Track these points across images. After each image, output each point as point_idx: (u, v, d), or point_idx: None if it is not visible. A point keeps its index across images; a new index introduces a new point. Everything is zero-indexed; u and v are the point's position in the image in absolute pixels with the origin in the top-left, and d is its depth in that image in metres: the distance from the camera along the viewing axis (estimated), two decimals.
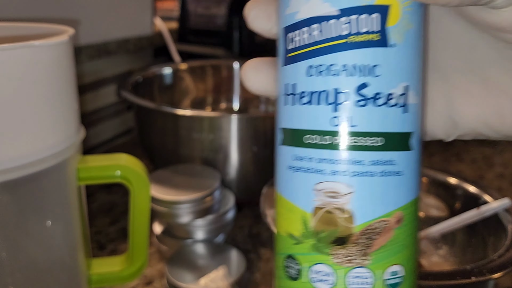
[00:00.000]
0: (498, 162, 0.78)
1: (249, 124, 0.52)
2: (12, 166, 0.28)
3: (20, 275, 0.32)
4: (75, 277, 0.36)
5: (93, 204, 0.60)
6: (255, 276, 0.47)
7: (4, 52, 0.27)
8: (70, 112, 0.32)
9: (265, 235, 0.55)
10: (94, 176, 0.35)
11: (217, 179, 0.49)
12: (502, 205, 0.42)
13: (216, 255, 0.46)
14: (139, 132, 0.62)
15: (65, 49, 0.31)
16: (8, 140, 0.28)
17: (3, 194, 0.29)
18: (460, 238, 0.47)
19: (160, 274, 0.47)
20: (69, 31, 0.33)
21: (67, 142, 0.32)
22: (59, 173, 0.32)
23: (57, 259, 0.34)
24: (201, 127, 0.53)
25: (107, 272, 0.40)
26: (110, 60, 0.77)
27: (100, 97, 0.77)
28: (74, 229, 0.35)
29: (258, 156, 0.54)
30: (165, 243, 0.49)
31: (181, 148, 0.54)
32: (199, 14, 0.88)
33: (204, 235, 0.48)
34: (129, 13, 0.70)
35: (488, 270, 0.33)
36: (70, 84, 0.32)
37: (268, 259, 0.50)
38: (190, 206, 0.46)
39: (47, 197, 0.32)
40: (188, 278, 0.42)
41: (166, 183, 0.48)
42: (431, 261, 0.48)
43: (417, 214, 0.21)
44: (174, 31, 0.91)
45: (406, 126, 0.20)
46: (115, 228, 0.55)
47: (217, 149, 0.53)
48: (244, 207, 0.60)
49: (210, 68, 0.79)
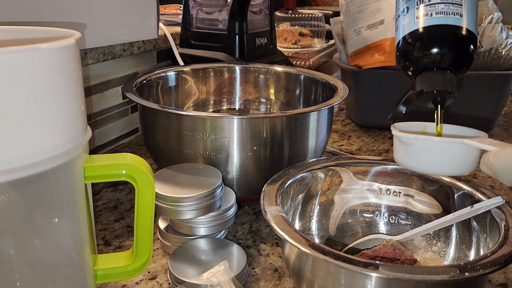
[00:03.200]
0: None
1: (249, 125, 0.54)
2: (20, 165, 0.29)
3: (28, 271, 0.33)
4: (81, 272, 0.37)
5: (99, 202, 0.62)
6: (255, 271, 0.48)
7: (13, 54, 0.27)
8: (77, 113, 0.33)
9: (265, 231, 0.56)
10: (100, 174, 0.36)
11: (218, 178, 0.50)
12: (494, 203, 0.42)
13: (217, 251, 0.47)
14: (143, 132, 0.63)
15: (71, 52, 0.31)
16: (17, 140, 0.29)
17: (12, 192, 0.30)
18: (454, 235, 0.48)
19: (164, 269, 0.48)
20: (76, 34, 0.33)
21: (74, 142, 0.33)
22: (66, 172, 0.33)
23: (64, 255, 0.35)
24: (204, 128, 0.54)
25: (112, 268, 0.41)
26: (116, 63, 0.78)
27: (106, 99, 0.78)
28: (80, 226, 0.36)
29: (258, 155, 0.55)
30: (168, 239, 0.50)
31: (184, 147, 0.55)
32: (201, 19, 0.90)
33: (206, 231, 0.49)
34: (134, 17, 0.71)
35: (481, 266, 0.34)
36: (76, 86, 0.33)
37: (267, 254, 0.51)
38: (192, 203, 0.47)
39: (55, 195, 0.33)
40: (191, 273, 0.43)
41: (169, 181, 0.49)
42: (426, 257, 0.49)
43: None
44: (177, 35, 0.92)
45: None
46: (120, 225, 0.56)
47: (219, 148, 0.54)
48: (244, 205, 0.62)
49: (212, 70, 0.80)
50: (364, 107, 0.92)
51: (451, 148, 0.37)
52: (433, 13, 0.39)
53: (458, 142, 0.37)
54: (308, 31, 1.46)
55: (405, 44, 0.40)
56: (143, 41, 0.80)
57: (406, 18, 0.41)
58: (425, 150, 0.38)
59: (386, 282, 0.35)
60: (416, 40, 0.39)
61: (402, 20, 0.41)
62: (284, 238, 0.38)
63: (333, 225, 0.53)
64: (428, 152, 0.38)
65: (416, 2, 0.40)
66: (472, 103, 0.86)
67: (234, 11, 0.84)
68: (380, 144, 0.86)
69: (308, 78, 0.75)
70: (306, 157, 0.59)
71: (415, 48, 0.39)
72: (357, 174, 0.53)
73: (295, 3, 2.10)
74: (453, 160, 0.38)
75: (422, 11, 0.39)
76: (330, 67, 1.34)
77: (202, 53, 0.87)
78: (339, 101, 0.60)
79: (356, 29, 0.88)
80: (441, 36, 0.39)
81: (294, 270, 0.41)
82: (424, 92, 0.39)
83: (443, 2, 0.39)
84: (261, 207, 0.43)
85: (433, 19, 0.39)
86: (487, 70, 0.85)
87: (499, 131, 0.94)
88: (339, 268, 0.36)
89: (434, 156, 0.38)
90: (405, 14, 0.41)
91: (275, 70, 0.79)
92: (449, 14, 0.38)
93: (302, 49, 1.34)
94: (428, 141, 0.38)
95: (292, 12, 1.54)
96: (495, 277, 0.48)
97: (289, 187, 0.48)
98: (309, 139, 0.58)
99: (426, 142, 0.38)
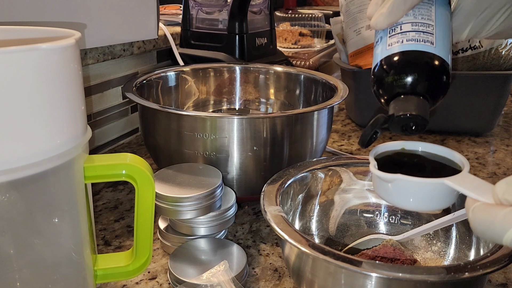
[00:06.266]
0: (491, 161, 0.79)
1: (249, 125, 0.54)
2: (20, 165, 0.29)
3: (28, 271, 0.33)
4: (81, 272, 0.37)
5: (99, 202, 0.62)
6: (255, 271, 0.48)
7: (13, 54, 0.27)
8: (77, 113, 0.33)
9: (265, 231, 0.56)
10: (100, 174, 0.36)
11: (218, 178, 0.50)
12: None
13: (217, 251, 0.47)
14: (143, 132, 0.63)
15: (71, 52, 0.32)
16: (17, 139, 0.29)
17: (12, 192, 0.30)
18: (454, 235, 0.48)
19: (164, 269, 0.48)
20: (76, 34, 0.33)
21: (74, 142, 0.33)
22: (66, 171, 0.33)
23: (64, 255, 0.35)
24: (204, 128, 0.54)
25: (112, 268, 0.41)
26: (116, 63, 0.78)
27: (106, 99, 0.78)
28: (80, 226, 0.36)
29: (258, 155, 0.55)
30: (168, 239, 0.50)
31: (184, 147, 0.55)
32: (201, 19, 0.90)
33: (206, 231, 0.49)
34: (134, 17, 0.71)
35: (481, 266, 0.34)
36: (77, 86, 0.33)
37: (267, 254, 0.51)
38: (192, 203, 0.47)
39: (55, 195, 0.33)
40: (191, 273, 0.43)
41: (169, 181, 0.49)
42: (426, 257, 0.49)
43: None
44: (177, 35, 0.92)
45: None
46: (120, 225, 0.56)
47: (219, 148, 0.54)
48: (244, 205, 0.62)
49: (212, 70, 0.80)
50: (364, 107, 0.92)
51: (430, 187, 0.36)
52: (404, 40, 0.39)
53: (438, 182, 0.36)
54: (308, 31, 1.46)
55: (378, 70, 0.40)
56: (143, 41, 0.80)
57: (379, 46, 0.41)
58: (404, 189, 0.37)
59: (386, 282, 0.35)
60: (387, 65, 0.40)
61: (376, 49, 0.42)
62: (284, 238, 0.38)
63: (333, 225, 0.53)
64: (407, 191, 0.37)
65: (389, 31, 0.41)
66: (472, 103, 0.86)
67: (234, 11, 0.84)
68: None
69: (308, 78, 0.75)
70: (306, 157, 0.59)
71: (387, 74, 0.39)
72: (357, 174, 0.53)
73: (295, 3, 2.10)
74: (432, 198, 0.37)
75: (394, 38, 0.40)
76: (330, 67, 1.34)
77: (202, 53, 0.87)
78: (339, 101, 0.60)
79: (356, 29, 0.88)
80: (411, 61, 0.39)
81: (294, 270, 0.41)
82: (394, 116, 0.38)
83: (414, 30, 0.40)
84: (261, 207, 0.43)
85: (403, 46, 0.39)
86: (487, 70, 0.85)
87: (499, 131, 0.94)
88: (339, 268, 0.36)
89: (413, 194, 0.37)
90: (378, 43, 0.41)
91: (275, 70, 0.79)
92: (420, 41, 0.39)
93: (302, 49, 1.34)
94: (407, 182, 0.36)
95: (292, 12, 1.54)
96: (495, 277, 0.48)
97: (289, 187, 0.48)
98: (309, 139, 0.58)
99: (405, 182, 0.37)
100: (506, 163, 0.78)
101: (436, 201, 0.37)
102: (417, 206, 0.38)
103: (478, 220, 0.30)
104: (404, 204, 0.38)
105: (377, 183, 0.40)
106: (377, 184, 0.40)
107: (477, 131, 0.91)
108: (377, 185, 0.40)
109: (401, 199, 0.38)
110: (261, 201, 0.44)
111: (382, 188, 0.39)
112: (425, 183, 0.36)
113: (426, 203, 0.37)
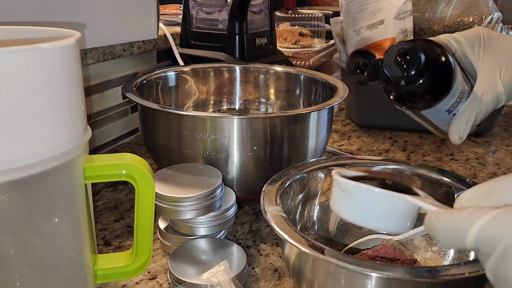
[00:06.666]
0: (491, 161, 0.79)
1: (249, 125, 0.54)
2: (20, 165, 0.29)
3: (28, 271, 0.33)
4: (81, 272, 0.37)
5: (99, 202, 0.62)
6: (255, 271, 0.48)
7: (13, 54, 0.27)
8: (77, 113, 0.33)
9: (265, 231, 0.56)
10: (100, 174, 0.36)
11: (218, 178, 0.50)
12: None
13: (217, 251, 0.47)
14: (143, 132, 0.63)
15: (71, 52, 0.32)
16: (16, 139, 0.29)
17: (12, 192, 0.30)
18: None
19: (164, 269, 0.48)
20: (76, 34, 0.33)
21: (74, 142, 0.33)
22: (66, 171, 0.33)
23: (64, 255, 0.35)
24: (204, 128, 0.54)
25: (112, 268, 0.41)
26: (116, 63, 0.78)
27: (106, 99, 0.78)
28: (80, 226, 0.36)
29: (258, 155, 0.55)
30: (168, 239, 0.50)
31: (184, 147, 0.55)
32: (201, 19, 0.90)
33: (206, 231, 0.49)
34: (134, 17, 0.71)
35: (481, 266, 0.34)
36: (77, 86, 0.33)
37: (267, 254, 0.51)
38: (192, 203, 0.47)
39: (55, 195, 0.33)
40: (191, 273, 0.43)
41: (169, 181, 0.49)
42: (426, 257, 0.49)
43: None
44: (177, 35, 0.92)
45: None
46: (120, 225, 0.56)
47: (219, 148, 0.54)
48: (244, 205, 0.62)
49: (212, 70, 0.80)
50: (364, 107, 0.92)
51: (391, 201, 0.36)
52: None
53: (400, 197, 0.36)
54: (308, 31, 1.46)
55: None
56: (143, 41, 0.80)
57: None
58: (363, 200, 0.37)
59: (386, 282, 0.35)
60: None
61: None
62: (284, 238, 0.38)
63: (333, 225, 0.53)
64: (366, 203, 0.36)
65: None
66: None
67: (234, 11, 0.84)
68: (380, 144, 0.86)
69: (308, 78, 0.75)
70: (306, 157, 0.59)
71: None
72: None
73: (295, 3, 2.10)
74: (389, 216, 0.36)
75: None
76: (330, 67, 1.34)
77: (202, 53, 0.87)
78: (339, 101, 0.60)
79: (356, 29, 0.88)
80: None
81: (294, 270, 0.41)
82: (390, 47, 0.44)
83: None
84: (261, 207, 0.43)
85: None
86: None
87: (499, 131, 0.94)
88: (339, 268, 0.36)
89: (371, 207, 0.36)
90: None
91: (275, 70, 0.79)
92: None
93: (302, 49, 1.34)
94: (369, 192, 0.36)
95: (292, 12, 1.54)
96: None
97: (289, 187, 0.48)
98: (309, 139, 0.58)
99: (366, 192, 0.36)
100: (506, 163, 0.78)
101: (393, 220, 0.37)
102: (372, 221, 0.37)
103: (440, 223, 0.30)
104: (359, 218, 0.37)
105: (335, 193, 0.39)
106: (335, 195, 0.39)
107: (477, 131, 0.91)
108: (335, 196, 0.39)
109: (357, 212, 0.37)
110: (261, 201, 0.44)
111: (339, 199, 0.38)
112: (387, 195, 0.36)
113: (383, 219, 0.37)
